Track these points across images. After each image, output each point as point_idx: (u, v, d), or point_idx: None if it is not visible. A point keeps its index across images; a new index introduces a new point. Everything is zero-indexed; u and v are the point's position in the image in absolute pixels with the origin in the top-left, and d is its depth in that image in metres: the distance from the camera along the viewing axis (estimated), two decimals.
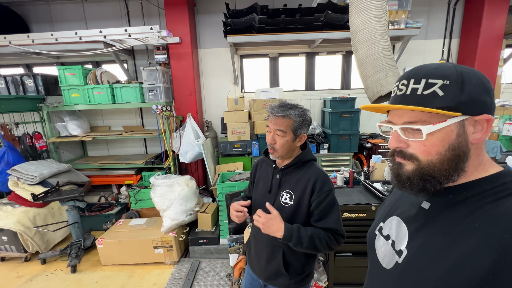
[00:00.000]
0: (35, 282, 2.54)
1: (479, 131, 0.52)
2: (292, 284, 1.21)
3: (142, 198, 3.29)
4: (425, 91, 0.52)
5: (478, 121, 0.51)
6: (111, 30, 3.06)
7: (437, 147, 0.53)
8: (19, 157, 3.16)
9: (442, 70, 0.52)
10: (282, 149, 1.15)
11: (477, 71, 0.52)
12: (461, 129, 0.51)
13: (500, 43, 3.54)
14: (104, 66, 4.08)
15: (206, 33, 3.83)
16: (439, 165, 0.53)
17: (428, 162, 0.54)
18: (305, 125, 1.15)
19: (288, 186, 1.19)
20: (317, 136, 3.54)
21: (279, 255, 1.19)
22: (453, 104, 0.50)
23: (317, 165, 1.22)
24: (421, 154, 0.54)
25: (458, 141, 0.52)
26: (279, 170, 1.22)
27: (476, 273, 0.45)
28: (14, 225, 2.68)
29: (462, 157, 0.52)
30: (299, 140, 1.17)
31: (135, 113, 4.12)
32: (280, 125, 1.12)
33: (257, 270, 1.30)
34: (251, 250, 1.33)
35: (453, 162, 0.52)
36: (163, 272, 2.63)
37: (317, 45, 3.62)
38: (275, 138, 1.14)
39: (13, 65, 4.17)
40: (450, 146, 0.52)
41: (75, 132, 3.65)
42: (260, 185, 1.28)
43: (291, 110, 1.12)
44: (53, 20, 3.87)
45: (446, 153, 0.52)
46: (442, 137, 0.52)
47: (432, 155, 0.53)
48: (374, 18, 1.51)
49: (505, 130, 3.26)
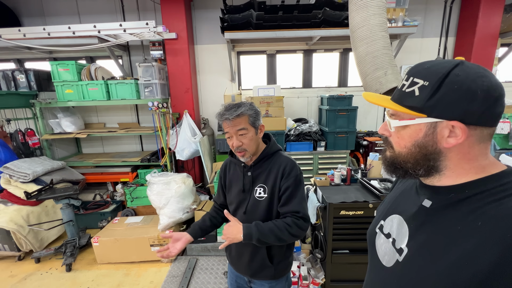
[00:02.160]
0: (29, 281, 2.51)
1: (454, 137, 0.51)
2: (278, 273, 1.26)
3: (138, 196, 3.26)
4: (408, 88, 0.55)
5: (455, 126, 0.50)
6: (106, 24, 2.99)
7: (404, 141, 0.57)
8: (11, 154, 3.09)
9: (432, 70, 0.52)
10: (251, 146, 1.18)
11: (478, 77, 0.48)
12: (430, 130, 0.53)
13: (495, 41, 3.58)
14: (99, 61, 4.01)
15: (202, 29, 3.78)
16: (404, 157, 0.58)
17: (398, 153, 0.60)
18: (258, 116, 1.19)
19: (260, 181, 1.22)
20: (314, 133, 3.54)
21: (262, 249, 1.22)
22: (420, 105, 0.53)
23: (283, 153, 1.27)
24: (394, 144, 0.60)
25: (425, 140, 0.54)
26: (248, 167, 1.24)
27: (477, 272, 0.45)
28: (6, 224, 2.63)
29: (429, 156, 0.55)
30: (260, 132, 1.21)
31: (131, 110, 4.06)
32: (238, 124, 1.14)
33: (241, 269, 1.32)
34: (232, 251, 1.34)
35: (418, 159, 0.56)
36: (160, 270, 2.62)
37: (314, 42, 3.60)
38: (239, 139, 1.16)
39: (4, 60, 4.06)
40: (415, 143, 0.56)
41: (69, 129, 3.58)
42: (233, 187, 1.30)
43: (240, 108, 1.14)
44: (45, 14, 3.76)
45: (412, 148, 0.56)
46: (410, 134, 0.56)
47: (400, 147, 0.59)
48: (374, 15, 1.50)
49: (499, 129, 3.30)
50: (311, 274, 2.14)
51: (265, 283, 1.29)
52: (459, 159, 0.54)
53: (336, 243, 2.04)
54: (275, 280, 1.28)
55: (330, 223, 1.99)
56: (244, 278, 1.35)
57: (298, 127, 3.57)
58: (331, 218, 1.98)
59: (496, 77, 0.51)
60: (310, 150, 3.51)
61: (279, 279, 1.29)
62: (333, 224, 1.99)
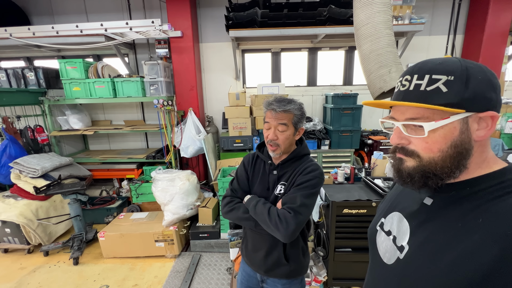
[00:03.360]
0: (38, 273, 2.58)
1: (483, 128, 0.50)
2: (293, 272, 1.23)
3: (144, 192, 3.30)
4: (429, 87, 0.51)
5: (482, 118, 0.50)
6: (112, 23, 3.03)
7: (439, 144, 0.52)
8: (21, 150, 3.17)
9: (447, 65, 0.51)
10: (285, 144, 1.15)
11: (483, 66, 0.51)
12: (464, 126, 0.50)
13: (505, 39, 3.50)
14: (105, 59, 4.06)
15: (207, 27, 3.79)
16: (441, 163, 0.52)
17: (430, 159, 0.53)
18: (303, 118, 1.18)
19: (283, 179, 1.21)
20: (318, 132, 3.53)
21: (279, 246, 1.19)
22: (457, 100, 0.49)
23: (312, 159, 1.25)
24: (423, 151, 0.54)
25: (461, 138, 0.51)
26: (275, 166, 1.22)
27: (478, 269, 0.45)
28: (16, 218, 2.71)
29: (464, 154, 0.51)
30: (298, 134, 1.19)
31: (136, 107, 4.11)
32: (282, 119, 1.12)
33: (255, 263, 1.28)
34: (248, 244, 1.31)
35: (455, 159, 0.52)
36: (164, 265, 2.66)
37: (319, 40, 3.58)
38: (276, 134, 1.14)
39: (14, 58, 4.15)
40: (453, 143, 0.51)
41: (76, 126, 3.65)
42: (257, 183, 1.27)
43: (290, 104, 1.13)
44: (54, 13, 3.83)
45: (448, 150, 0.51)
46: (445, 134, 0.51)
47: (434, 152, 0.52)
48: (379, 13, 1.49)
49: (508, 128, 3.24)
50: (313, 271, 2.15)
51: (278, 283, 1.25)
52: (480, 153, 0.53)
53: (338, 241, 2.04)
54: (289, 281, 1.24)
55: (333, 221, 1.99)
56: (257, 278, 1.32)
57: None
58: (334, 216, 1.97)
59: None
60: (314, 149, 3.50)
61: (293, 279, 1.25)
62: (336, 222, 1.99)
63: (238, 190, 1.28)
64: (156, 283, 2.42)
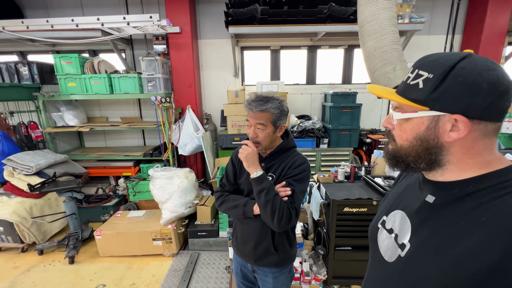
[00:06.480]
0: (32, 272, 2.52)
1: (456, 131, 0.50)
2: (281, 261, 1.28)
3: (141, 190, 3.26)
4: (413, 81, 0.54)
5: (458, 120, 0.49)
6: (109, 17, 2.97)
7: (406, 134, 0.57)
8: (14, 146, 3.10)
9: (439, 62, 0.51)
10: (265, 142, 1.20)
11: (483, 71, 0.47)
12: (432, 124, 0.53)
13: (502, 40, 3.53)
14: (102, 55, 3.99)
15: (206, 23, 3.74)
16: (406, 151, 0.58)
17: (400, 146, 0.59)
18: (283, 116, 1.19)
19: (271, 171, 1.25)
20: (317, 130, 3.52)
21: (268, 235, 1.24)
22: (423, 98, 0.52)
23: (298, 151, 1.29)
24: (397, 137, 0.60)
25: (427, 134, 0.54)
26: (263, 158, 1.27)
27: (480, 268, 0.45)
28: (10, 216, 2.65)
29: (430, 150, 0.54)
30: (279, 131, 1.22)
31: (133, 104, 4.05)
32: (259, 119, 1.15)
33: (245, 253, 1.33)
34: (238, 235, 1.36)
35: (419, 152, 0.56)
36: (162, 264, 2.63)
37: (319, 38, 3.56)
38: (256, 132, 1.18)
39: (7, 52, 4.05)
40: (417, 136, 0.55)
41: (71, 122, 3.58)
42: (244, 175, 1.29)
43: (268, 103, 1.15)
44: (48, 6, 3.74)
45: (413, 141, 0.56)
46: (412, 127, 0.56)
47: (402, 140, 0.58)
48: (384, 10, 1.47)
49: (504, 128, 3.27)
50: (313, 270, 2.14)
51: (268, 273, 1.31)
52: (462, 154, 0.53)
53: (339, 240, 2.04)
54: (278, 269, 1.30)
55: (333, 220, 1.98)
56: (248, 267, 1.37)
57: (301, 124, 3.55)
58: (335, 214, 1.97)
59: (505, 71, 0.49)
60: (312, 147, 3.49)
61: (282, 268, 1.31)
62: (336, 221, 1.99)
63: (226, 184, 1.36)
64: (154, 282, 2.39)
